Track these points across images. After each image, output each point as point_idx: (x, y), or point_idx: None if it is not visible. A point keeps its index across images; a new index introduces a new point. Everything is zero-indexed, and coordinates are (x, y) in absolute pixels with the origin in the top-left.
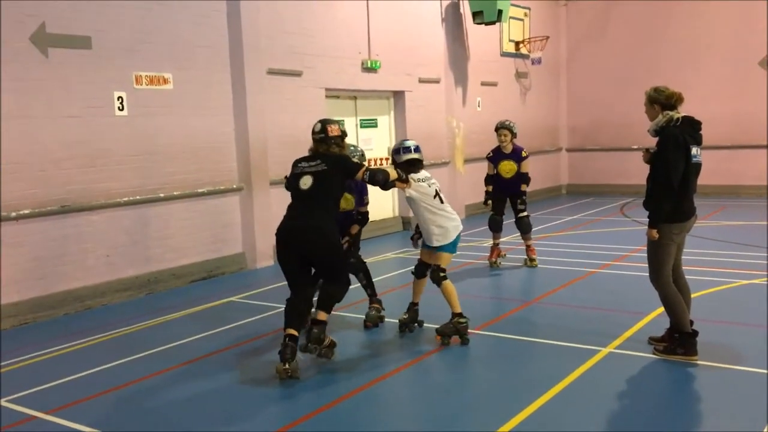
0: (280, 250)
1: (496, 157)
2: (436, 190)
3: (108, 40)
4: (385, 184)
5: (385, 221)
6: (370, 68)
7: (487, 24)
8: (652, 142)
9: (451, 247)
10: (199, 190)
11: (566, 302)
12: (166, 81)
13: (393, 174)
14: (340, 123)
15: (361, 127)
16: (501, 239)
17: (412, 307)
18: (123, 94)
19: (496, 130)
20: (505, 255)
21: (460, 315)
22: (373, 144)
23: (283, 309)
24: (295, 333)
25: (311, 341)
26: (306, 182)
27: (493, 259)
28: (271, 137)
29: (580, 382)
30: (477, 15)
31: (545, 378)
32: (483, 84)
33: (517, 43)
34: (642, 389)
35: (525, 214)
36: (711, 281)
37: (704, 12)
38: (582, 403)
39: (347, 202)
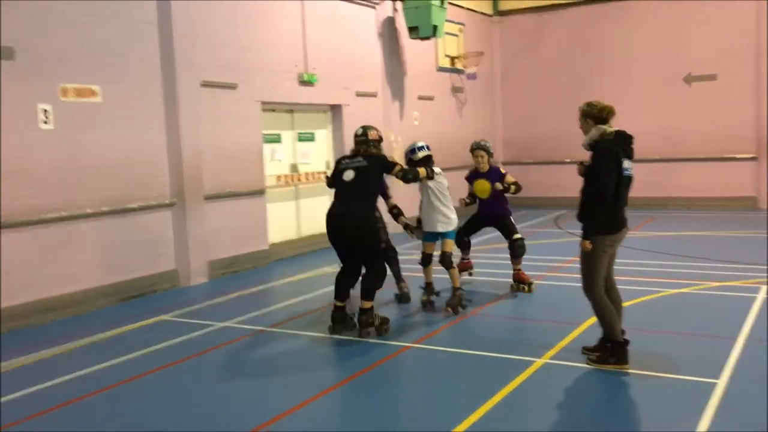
0: (329, 232)
1: (471, 176)
2: (447, 185)
3: (33, 51)
4: (415, 181)
5: (323, 235)
6: (306, 82)
7: (422, 39)
8: (585, 154)
9: (453, 234)
10: (130, 206)
11: (502, 314)
12: (94, 93)
13: (423, 173)
14: (377, 130)
15: (298, 140)
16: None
17: (429, 286)
18: (48, 107)
19: (472, 151)
20: (472, 271)
21: (459, 288)
22: (311, 158)
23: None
24: (342, 304)
25: (363, 327)
26: (348, 175)
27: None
28: (206, 151)
29: (515, 393)
30: (412, 30)
31: (481, 391)
32: (420, 98)
33: (452, 59)
34: (576, 399)
35: (519, 236)
36: (641, 290)
37: (634, 29)
38: (518, 415)
39: None
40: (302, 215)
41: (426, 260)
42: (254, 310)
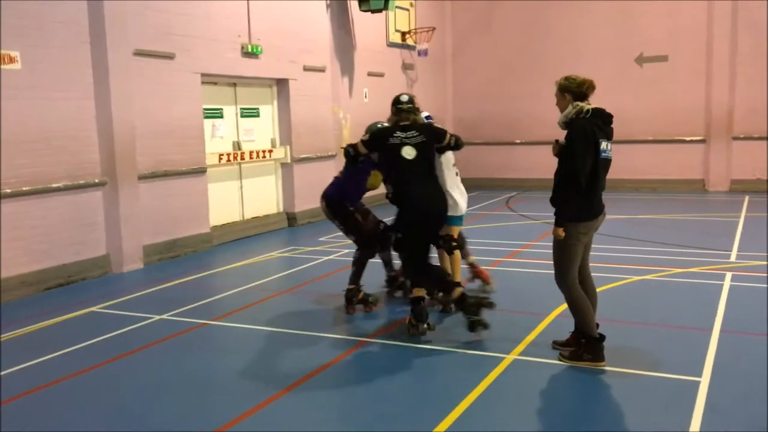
0: (422, 220)
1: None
2: (455, 161)
3: None
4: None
5: (269, 217)
6: (250, 53)
7: (373, 12)
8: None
9: (459, 221)
10: (54, 185)
11: None
12: (12, 60)
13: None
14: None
15: (241, 116)
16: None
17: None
18: None
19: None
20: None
21: (458, 284)
22: (255, 135)
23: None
24: (423, 294)
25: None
26: (410, 152)
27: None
28: (140, 126)
29: (488, 393)
30: (363, 2)
31: (453, 390)
32: (369, 74)
33: (403, 34)
34: (553, 400)
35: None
36: (605, 278)
37: (587, 9)
38: (494, 417)
39: (377, 179)
40: (246, 196)
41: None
42: (195, 301)
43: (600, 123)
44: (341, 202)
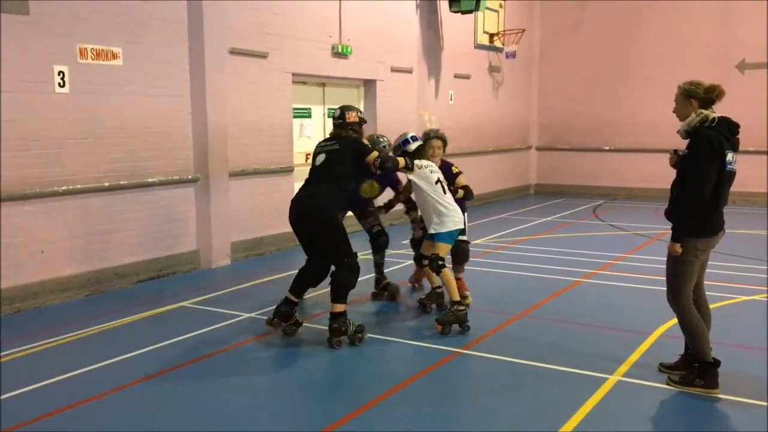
0: (290, 221)
1: None
2: (438, 178)
3: (49, 6)
4: (395, 170)
5: (352, 218)
6: (340, 53)
7: (463, 12)
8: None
9: (447, 238)
10: (149, 180)
11: (557, 317)
12: (114, 56)
13: (401, 162)
14: (358, 110)
15: (329, 116)
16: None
17: (434, 290)
18: (65, 69)
19: (427, 140)
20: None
21: (459, 302)
22: None
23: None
24: (293, 298)
25: (334, 336)
26: (319, 159)
27: (414, 284)
28: (231, 123)
29: (594, 416)
30: (453, 2)
31: (553, 412)
32: (456, 76)
33: (491, 36)
34: (663, 426)
35: (464, 238)
36: (710, 296)
37: (684, 9)
38: None
39: (372, 188)
40: None
41: (418, 261)
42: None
43: (726, 133)
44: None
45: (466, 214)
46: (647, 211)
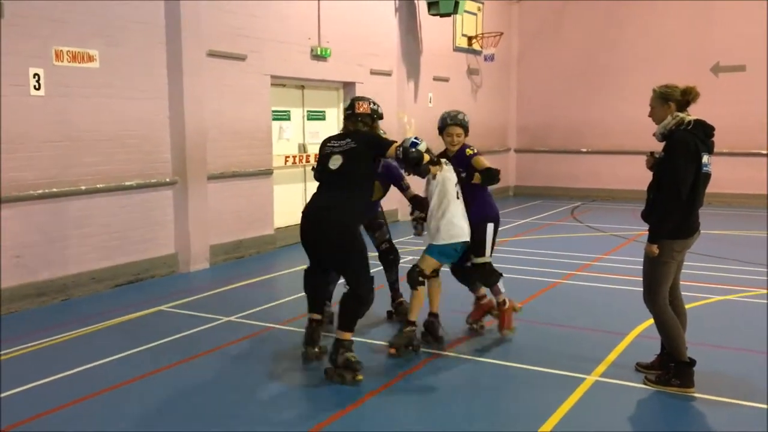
0: (301, 234)
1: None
2: (455, 181)
3: (25, 8)
4: (419, 164)
5: None
6: (319, 56)
7: (442, 15)
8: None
9: (436, 253)
10: (127, 183)
11: (535, 319)
12: (91, 58)
13: (426, 156)
14: (371, 102)
15: (308, 119)
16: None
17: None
18: (40, 71)
19: (444, 128)
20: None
21: (412, 323)
22: (321, 138)
23: (303, 288)
24: (319, 317)
25: (336, 367)
26: (334, 162)
27: (474, 323)
28: (210, 126)
29: (571, 416)
30: (432, 5)
31: (535, 412)
32: (435, 79)
33: (469, 39)
34: (639, 426)
35: (482, 260)
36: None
37: (660, 14)
38: None
39: (376, 189)
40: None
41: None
42: (262, 303)
43: (702, 135)
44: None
45: (489, 226)
46: (624, 212)
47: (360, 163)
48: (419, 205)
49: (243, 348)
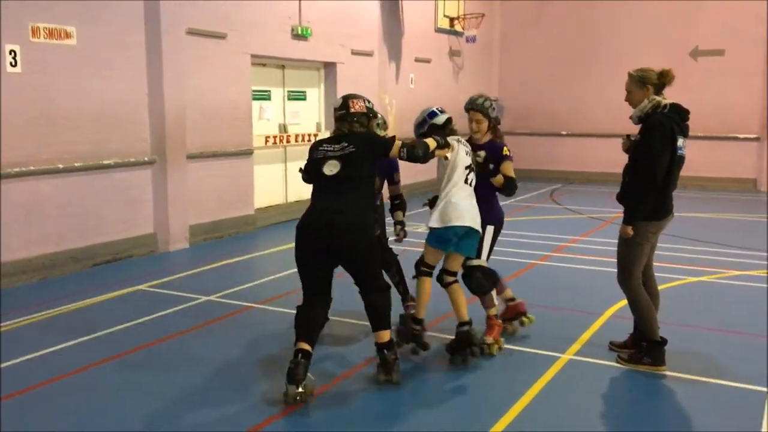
0: (303, 246)
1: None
2: (470, 165)
3: None
4: (426, 157)
5: None
6: (300, 35)
7: None
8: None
9: (432, 239)
10: (105, 162)
11: None
12: (68, 35)
13: (432, 143)
14: (365, 99)
15: (288, 99)
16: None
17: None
18: (16, 48)
19: (466, 112)
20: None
21: (419, 321)
22: (301, 118)
23: (294, 318)
24: (309, 348)
25: (390, 369)
26: (332, 168)
27: (491, 342)
28: (190, 106)
29: (544, 395)
30: None
31: (507, 392)
32: (417, 60)
33: (451, 20)
34: (611, 403)
35: (477, 262)
36: (659, 278)
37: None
38: (549, 419)
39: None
40: (290, 179)
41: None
42: (241, 283)
43: (677, 119)
44: None
45: (489, 229)
46: (602, 195)
47: (361, 168)
48: (401, 206)
49: (222, 327)
